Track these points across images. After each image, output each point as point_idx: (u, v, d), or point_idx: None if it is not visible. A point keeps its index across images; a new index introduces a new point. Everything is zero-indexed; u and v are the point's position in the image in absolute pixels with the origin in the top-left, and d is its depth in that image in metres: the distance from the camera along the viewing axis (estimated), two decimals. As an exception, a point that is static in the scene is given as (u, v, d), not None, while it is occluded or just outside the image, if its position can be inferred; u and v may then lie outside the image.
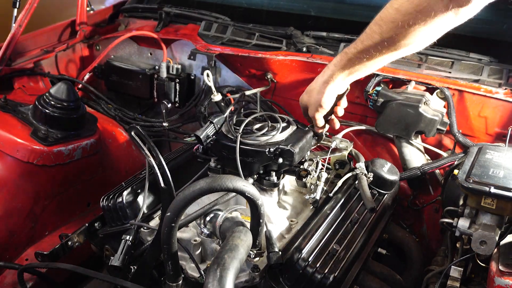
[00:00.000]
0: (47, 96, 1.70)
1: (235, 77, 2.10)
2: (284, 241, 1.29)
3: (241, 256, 1.00)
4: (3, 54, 1.94)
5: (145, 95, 2.24)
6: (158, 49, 2.22)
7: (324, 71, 1.35)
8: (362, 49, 1.21)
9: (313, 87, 1.38)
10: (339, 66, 1.29)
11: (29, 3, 1.97)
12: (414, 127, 1.63)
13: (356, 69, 1.28)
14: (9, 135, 1.61)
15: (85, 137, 1.76)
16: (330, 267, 1.15)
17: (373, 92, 1.69)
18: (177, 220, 1.00)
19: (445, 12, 1.04)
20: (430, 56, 1.77)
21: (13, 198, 1.58)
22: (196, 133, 1.33)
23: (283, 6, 2.30)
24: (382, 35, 1.15)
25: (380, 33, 1.15)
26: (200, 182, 1.00)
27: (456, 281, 1.22)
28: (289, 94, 2.02)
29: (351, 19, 2.10)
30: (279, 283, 1.16)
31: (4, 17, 2.09)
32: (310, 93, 1.40)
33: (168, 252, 1.04)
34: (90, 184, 1.82)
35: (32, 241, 1.64)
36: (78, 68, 2.37)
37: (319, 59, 1.81)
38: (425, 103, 1.62)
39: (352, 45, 1.24)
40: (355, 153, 1.59)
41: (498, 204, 1.14)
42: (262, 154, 1.31)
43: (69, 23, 2.36)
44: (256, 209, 1.08)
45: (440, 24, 1.08)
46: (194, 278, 1.22)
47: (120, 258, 1.24)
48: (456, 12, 1.04)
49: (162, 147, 2.18)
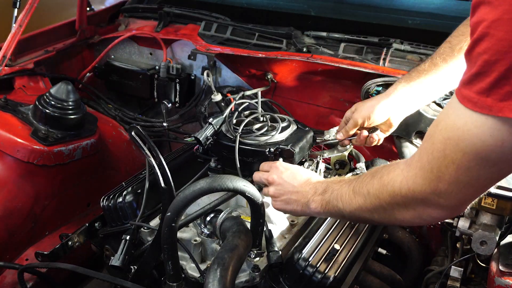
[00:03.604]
0: (47, 96, 1.70)
1: (235, 77, 2.10)
2: (284, 241, 1.29)
3: (241, 256, 1.00)
4: (3, 54, 1.94)
5: (145, 95, 2.24)
6: (158, 49, 2.22)
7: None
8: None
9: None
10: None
11: (29, 3, 1.97)
12: (414, 127, 1.63)
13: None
14: (10, 135, 1.61)
15: (85, 137, 1.76)
16: (330, 267, 1.15)
17: (373, 92, 1.69)
18: (177, 220, 1.00)
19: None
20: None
21: (13, 198, 1.58)
22: (195, 135, 1.34)
23: (283, 6, 2.30)
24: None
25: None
26: (200, 182, 1.00)
27: (456, 281, 1.23)
28: (289, 94, 2.02)
29: (351, 19, 2.10)
30: (279, 283, 1.16)
31: (4, 17, 2.09)
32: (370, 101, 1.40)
33: (168, 252, 1.04)
34: (90, 184, 1.82)
35: (32, 241, 1.64)
36: (78, 68, 2.37)
37: (319, 59, 1.81)
38: (425, 103, 1.62)
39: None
40: (355, 153, 1.59)
41: (498, 204, 1.14)
42: (262, 154, 1.31)
43: (69, 23, 2.36)
44: (256, 209, 1.08)
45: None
46: (194, 278, 1.22)
47: (120, 258, 1.24)
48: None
49: (162, 147, 2.18)
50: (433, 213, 0.89)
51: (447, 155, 0.79)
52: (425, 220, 0.92)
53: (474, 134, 0.74)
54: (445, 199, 0.84)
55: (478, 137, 0.74)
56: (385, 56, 1.79)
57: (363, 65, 1.75)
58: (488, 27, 0.68)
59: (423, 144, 0.87)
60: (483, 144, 0.74)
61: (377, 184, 0.95)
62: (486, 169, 0.78)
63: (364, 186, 0.99)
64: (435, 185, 0.83)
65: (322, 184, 1.14)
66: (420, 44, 1.81)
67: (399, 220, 0.97)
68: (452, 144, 0.78)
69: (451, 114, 0.79)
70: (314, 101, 2.00)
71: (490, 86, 0.69)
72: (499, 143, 0.73)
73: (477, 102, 0.72)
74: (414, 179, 0.86)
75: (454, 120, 0.77)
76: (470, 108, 0.73)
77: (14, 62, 2.05)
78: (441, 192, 0.83)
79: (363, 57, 1.83)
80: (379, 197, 0.95)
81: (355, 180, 1.04)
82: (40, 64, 2.15)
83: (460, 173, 0.79)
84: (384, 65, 1.76)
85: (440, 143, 0.80)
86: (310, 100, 2.01)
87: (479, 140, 0.74)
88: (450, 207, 0.87)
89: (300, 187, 1.17)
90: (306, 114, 2.01)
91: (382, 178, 0.95)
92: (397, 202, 0.91)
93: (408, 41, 1.83)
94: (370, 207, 0.98)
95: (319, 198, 1.12)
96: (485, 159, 0.76)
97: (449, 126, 0.79)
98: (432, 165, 0.82)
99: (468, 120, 0.74)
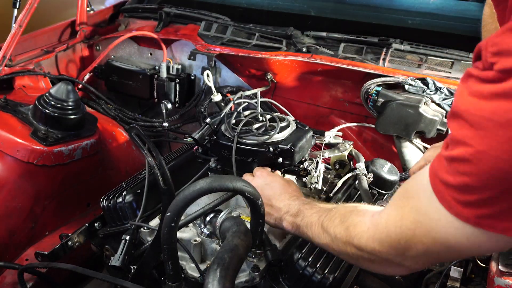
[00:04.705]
0: (47, 96, 1.70)
1: (235, 77, 2.10)
2: (284, 241, 1.29)
3: (241, 256, 1.00)
4: (3, 54, 1.94)
5: (145, 95, 2.24)
6: (158, 49, 2.22)
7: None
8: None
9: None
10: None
11: (29, 3, 1.97)
12: (414, 127, 1.63)
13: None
14: (9, 135, 1.61)
15: (85, 137, 1.76)
16: (330, 267, 1.15)
17: (373, 92, 1.69)
18: (177, 220, 1.00)
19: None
20: (430, 56, 1.77)
21: (13, 198, 1.58)
22: (193, 135, 1.34)
23: (283, 6, 2.30)
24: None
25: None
26: (200, 182, 1.00)
27: (456, 281, 1.23)
28: (289, 94, 2.02)
29: (351, 19, 2.10)
30: (279, 283, 1.16)
31: (4, 17, 2.08)
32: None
33: (168, 252, 1.04)
34: (90, 184, 1.82)
35: (32, 241, 1.64)
36: (78, 68, 2.37)
37: (319, 59, 1.81)
38: (425, 103, 1.62)
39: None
40: (355, 153, 1.59)
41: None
42: (262, 154, 1.31)
43: (69, 23, 2.36)
44: (256, 209, 1.08)
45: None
46: (194, 278, 1.22)
47: (120, 258, 1.24)
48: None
49: (162, 147, 2.18)
50: (397, 270, 0.89)
51: (417, 235, 0.75)
52: (390, 273, 0.96)
53: (449, 233, 0.70)
54: (410, 263, 0.83)
55: (454, 237, 0.70)
56: (385, 56, 1.79)
57: (363, 65, 1.75)
58: (472, 155, 0.64)
59: (391, 212, 0.83)
60: (458, 242, 0.71)
61: (344, 232, 0.93)
62: (456, 256, 0.79)
63: (332, 227, 0.97)
64: (401, 253, 0.80)
65: (295, 204, 1.14)
66: (420, 44, 1.81)
67: (364, 267, 0.98)
68: (422, 230, 0.74)
69: (423, 198, 0.74)
70: (314, 101, 2.00)
71: (468, 203, 0.66)
72: (475, 246, 0.70)
73: (452, 207, 0.68)
74: (380, 242, 0.83)
75: (427, 209, 0.73)
76: (445, 208, 0.69)
77: (14, 62, 2.05)
78: (406, 258, 0.81)
79: (363, 57, 1.83)
80: (345, 246, 0.93)
81: (324, 214, 1.03)
82: (40, 64, 2.15)
83: (428, 253, 0.77)
84: (384, 65, 1.77)
85: (410, 222, 0.76)
86: (310, 100, 2.01)
87: (454, 239, 0.70)
88: (413, 269, 0.86)
89: (275, 201, 1.18)
90: (306, 114, 2.01)
91: (348, 229, 0.92)
92: (362, 256, 0.89)
93: (408, 41, 1.83)
94: (337, 249, 0.97)
95: (291, 219, 1.13)
96: (457, 252, 0.74)
97: (421, 210, 0.74)
98: (400, 238, 0.79)
99: (443, 219, 0.70)
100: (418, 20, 1.97)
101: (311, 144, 1.43)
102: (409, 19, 1.99)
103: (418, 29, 1.95)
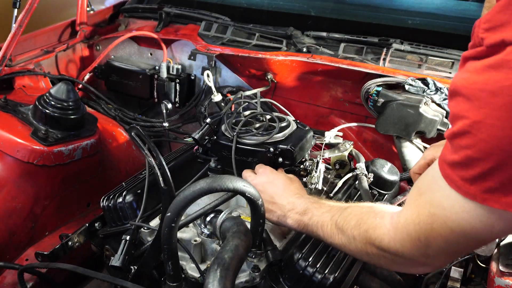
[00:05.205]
0: (47, 96, 1.70)
1: (235, 77, 2.10)
2: (284, 241, 1.29)
3: (241, 256, 1.00)
4: (3, 54, 1.94)
5: (145, 95, 2.24)
6: (158, 49, 2.22)
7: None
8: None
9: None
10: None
11: (29, 3, 1.97)
12: (414, 127, 1.63)
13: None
14: (9, 135, 1.61)
15: (85, 137, 1.76)
16: (330, 267, 1.15)
17: (373, 92, 1.69)
18: (177, 220, 1.00)
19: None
20: (430, 56, 1.77)
21: (13, 198, 1.58)
22: (193, 135, 1.34)
23: (283, 6, 2.30)
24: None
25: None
26: (200, 182, 0.99)
27: (456, 282, 1.23)
28: (289, 94, 2.02)
29: (351, 19, 2.10)
30: (279, 283, 1.16)
31: (4, 17, 2.09)
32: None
33: (168, 252, 1.04)
34: (90, 184, 1.82)
35: (32, 241, 1.64)
36: (78, 68, 2.37)
37: (319, 59, 1.81)
38: (426, 103, 1.62)
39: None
40: (355, 153, 1.59)
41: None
42: (262, 154, 1.31)
43: (69, 23, 2.36)
44: (256, 209, 1.07)
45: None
46: (194, 278, 1.22)
47: (120, 258, 1.24)
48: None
49: (162, 147, 2.18)
50: (419, 270, 0.94)
51: (435, 229, 0.78)
52: (412, 272, 1.00)
53: (463, 218, 0.73)
54: (433, 260, 0.85)
55: (468, 221, 0.73)
56: (385, 56, 1.79)
57: (363, 65, 1.75)
58: (470, 126, 0.67)
59: (407, 211, 0.85)
60: (473, 228, 0.73)
61: (364, 234, 0.94)
62: (475, 243, 0.80)
63: (349, 228, 0.98)
64: (424, 251, 0.83)
65: (301, 202, 1.14)
66: (420, 44, 1.81)
67: (384, 267, 0.99)
68: (439, 221, 0.77)
69: (435, 190, 0.77)
70: (314, 101, 2.00)
71: (473, 178, 0.69)
72: (489, 228, 0.72)
73: (460, 187, 0.71)
74: (402, 243, 0.86)
75: (440, 199, 0.76)
76: (455, 190, 0.72)
77: (14, 62, 2.05)
78: (429, 256, 0.83)
79: (363, 57, 1.83)
80: (366, 246, 0.94)
81: (337, 214, 1.03)
82: (40, 64, 2.15)
83: (448, 245, 0.79)
84: (384, 65, 1.77)
85: (427, 217, 0.79)
86: (310, 100, 2.01)
87: (468, 224, 0.73)
88: (437, 266, 0.89)
89: (278, 198, 1.18)
90: (306, 114, 2.01)
91: (368, 232, 0.93)
92: (385, 256, 0.91)
93: (408, 41, 1.83)
94: (355, 250, 0.98)
95: (297, 217, 1.12)
96: (474, 238, 0.76)
97: (434, 202, 0.78)
98: (419, 234, 0.81)
99: (456, 204, 0.73)
100: (418, 20, 1.97)
101: (311, 144, 1.43)
102: (409, 19, 1.99)
103: (418, 29, 1.95)
